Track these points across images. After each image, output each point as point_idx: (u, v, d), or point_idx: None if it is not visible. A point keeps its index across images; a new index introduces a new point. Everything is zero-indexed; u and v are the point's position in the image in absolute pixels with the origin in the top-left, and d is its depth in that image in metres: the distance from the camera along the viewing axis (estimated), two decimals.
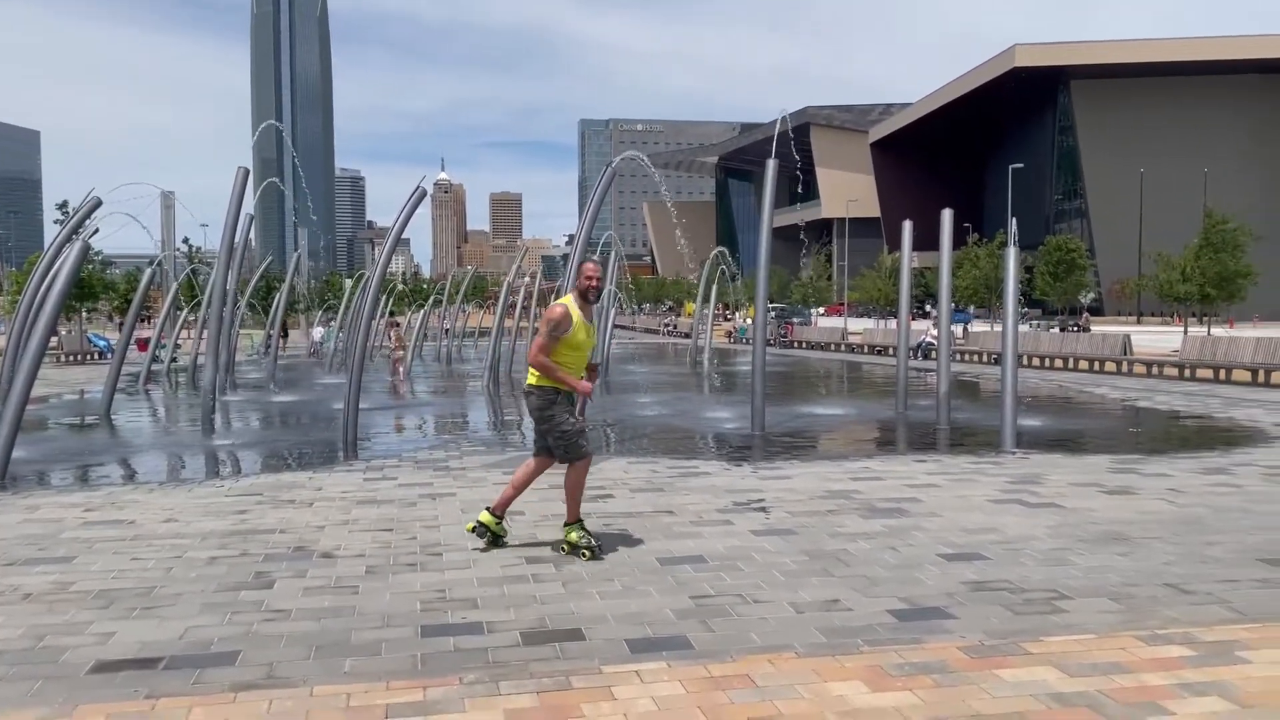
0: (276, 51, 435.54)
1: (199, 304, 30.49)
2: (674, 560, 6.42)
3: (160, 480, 9.99)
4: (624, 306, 76.57)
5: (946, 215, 14.98)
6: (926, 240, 16.31)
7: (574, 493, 6.62)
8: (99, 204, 14.62)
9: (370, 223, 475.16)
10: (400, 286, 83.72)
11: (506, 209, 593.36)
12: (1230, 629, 4.98)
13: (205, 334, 27.29)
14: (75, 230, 14.25)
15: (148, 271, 21.13)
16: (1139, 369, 24.27)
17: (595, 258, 6.74)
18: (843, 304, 67.07)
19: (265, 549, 6.84)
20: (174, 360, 30.63)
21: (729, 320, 59.07)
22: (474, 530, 6.82)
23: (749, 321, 54.20)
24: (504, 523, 6.90)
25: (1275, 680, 4.31)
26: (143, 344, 34.55)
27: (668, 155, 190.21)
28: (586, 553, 6.46)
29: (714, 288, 37.91)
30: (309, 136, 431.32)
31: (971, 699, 4.16)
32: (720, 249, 34.72)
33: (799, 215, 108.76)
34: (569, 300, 6.53)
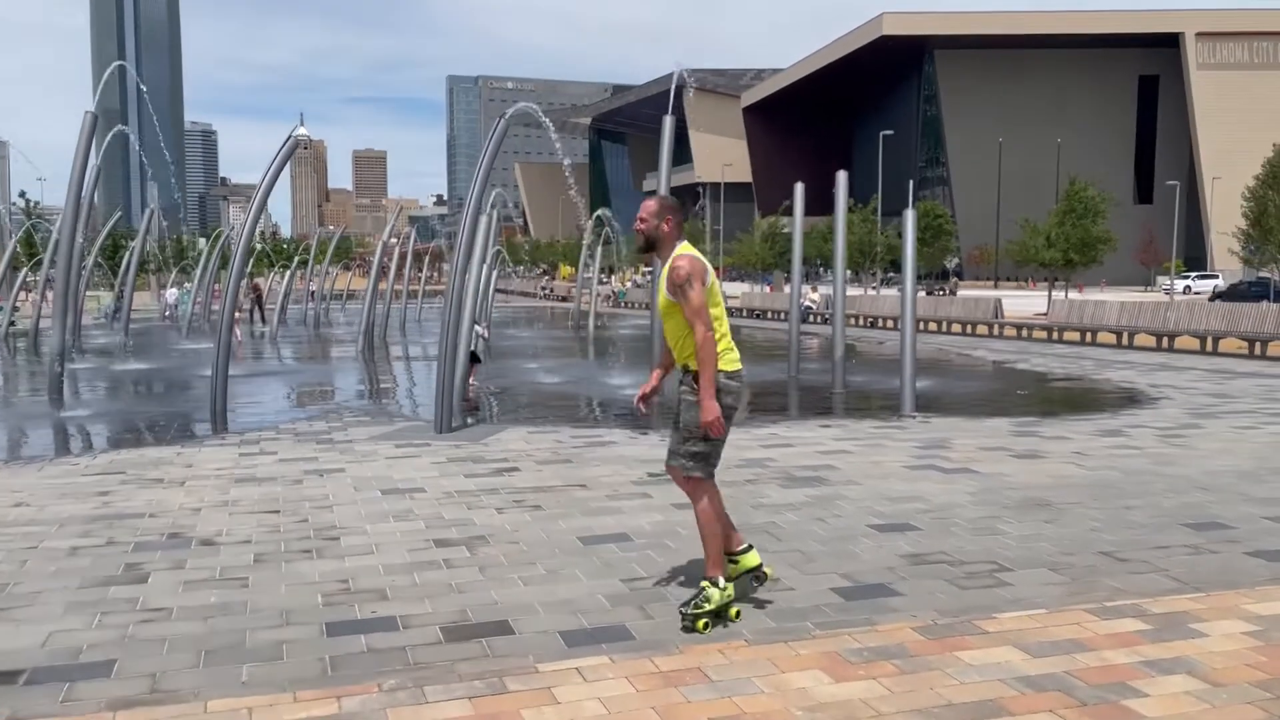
0: None
1: (39, 263, 28.22)
2: (596, 539, 6.01)
3: (3, 458, 8.95)
4: (505, 269, 75.31)
5: (841, 177, 14.93)
6: (788, 205, 16.29)
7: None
8: None
9: (224, 179, 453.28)
10: (258, 246, 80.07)
11: (371, 167, 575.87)
12: (1177, 599, 4.90)
13: (49, 296, 25.31)
14: None
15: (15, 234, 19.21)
16: (1009, 331, 25.07)
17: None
18: (718, 269, 67.46)
19: (134, 536, 6.09)
20: (11, 325, 28.28)
21: (604, 284, 58.75)
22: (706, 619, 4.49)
23: (629, 284, 54.02)
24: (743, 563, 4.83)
25: (1236, 655, 4.21)
26: None
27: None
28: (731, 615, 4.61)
29: (597, 251, 37.50)
30: (156, 84, 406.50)
31: (938, 685, 3.90)
32: (603, 210, 34.22)
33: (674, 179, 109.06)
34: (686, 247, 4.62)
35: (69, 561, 5.58)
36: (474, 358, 12.73)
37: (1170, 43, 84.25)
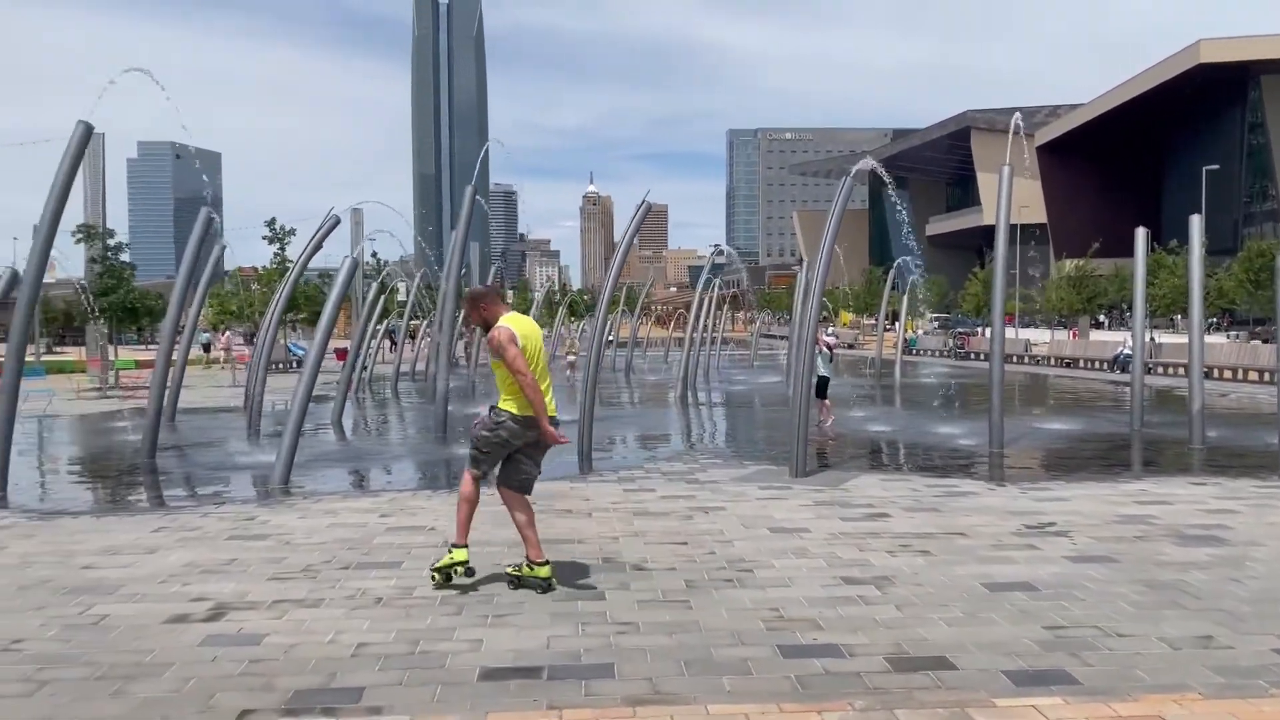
0: (435, 71, 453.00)
1: (387, 315, 31.85)
2: (1001, 586, 6.19)
3: (437, 487, 10.36)
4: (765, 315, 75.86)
5: (1140, 234, 14.48)
6: (1104, 247, 15.64)
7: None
8: (338, 223, 15.39)
9: (522, 235, 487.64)
10: (558, 297, 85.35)
11: (653, 220, 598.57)
12: None
13: (423, 343, 28.63)
14: (318, 246, 15.05)
15: (374, 286, 22.12)
16: None
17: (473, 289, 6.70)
18: (1011, 314, 64.44)
19: (573, 558, 6.96)
20: (365, 369, 32.03)
21: (889, 330, 57.70)
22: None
23: (919, 332, 52.89)
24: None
25: None
26: (341, 353, 36.30)
27: (817, 163, 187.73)
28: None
29: (886, 298, 37.21)
30: (465, 153, 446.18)
31: None
32: (903, 258, 33.94)
33: (960, 222, 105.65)
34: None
35: None
36: (820, 389, 13.18)
37: None
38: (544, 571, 6.20)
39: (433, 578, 6.31)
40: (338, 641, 5.24)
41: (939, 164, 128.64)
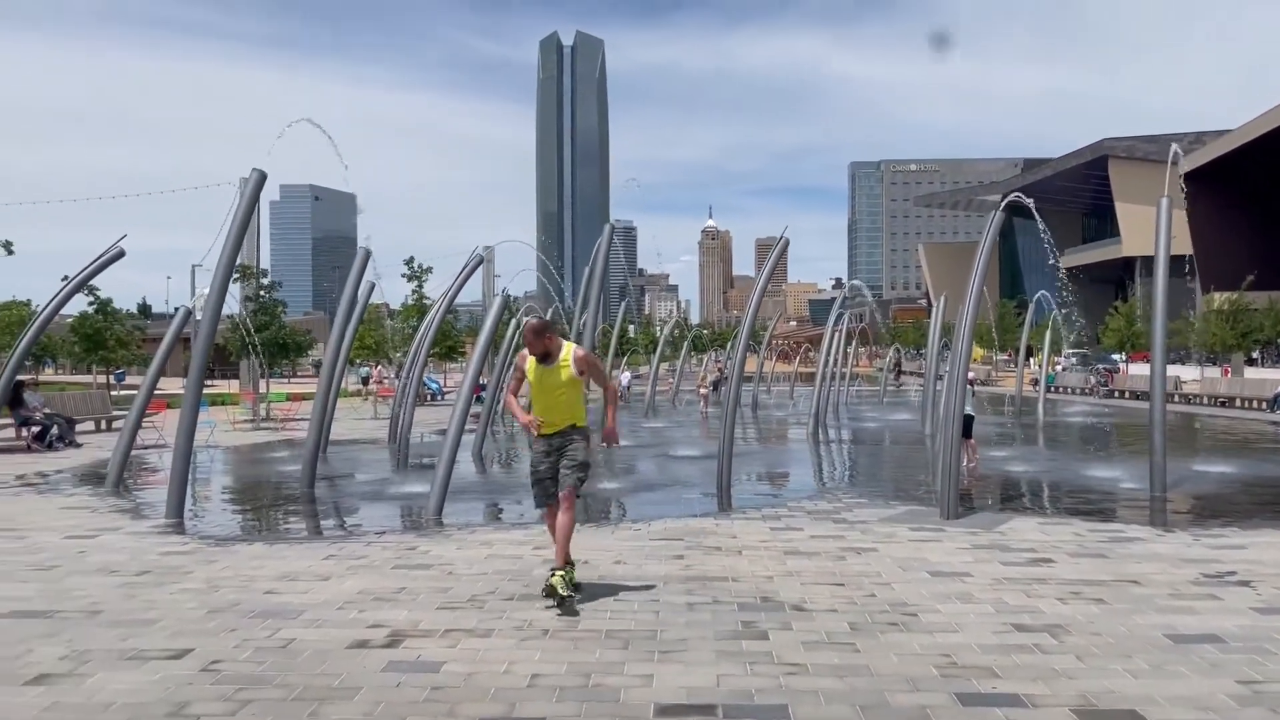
0: (559, 112, 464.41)
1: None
2: (1185, 638, 5.90)
3: (583, 521, 10.50)
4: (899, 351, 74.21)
5: None
6: (1258, 280, 14.59)
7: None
8: (481, 261, 15.89)
9: (641, 270, 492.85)
10: (677, 332, 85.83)
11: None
12: None
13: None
14: (463, 284, 15.58)
15: (511, 323, 22.75)
16: None
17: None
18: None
19: (732, 597, 6.96)
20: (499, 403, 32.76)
21: (1026, 366, 55.60)
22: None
23: (1058, 368, 50.99)
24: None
25: None
26: (478, 388, 37.25)
27: (944, 195, 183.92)
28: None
29: (1027, 333, 36.07)
30: (587, 190, 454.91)
31: None
32: (1042, 292, 32.89)
33: (1098, 254, 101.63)
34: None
35: (692, 615, 6.51)
36: (965, 429, 12.92)
37: None
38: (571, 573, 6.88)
39: (561, 598, 6.66)
40: (512, 672, 5.37)
41: (1074, 194, 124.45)
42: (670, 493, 13.04)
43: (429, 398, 41.54)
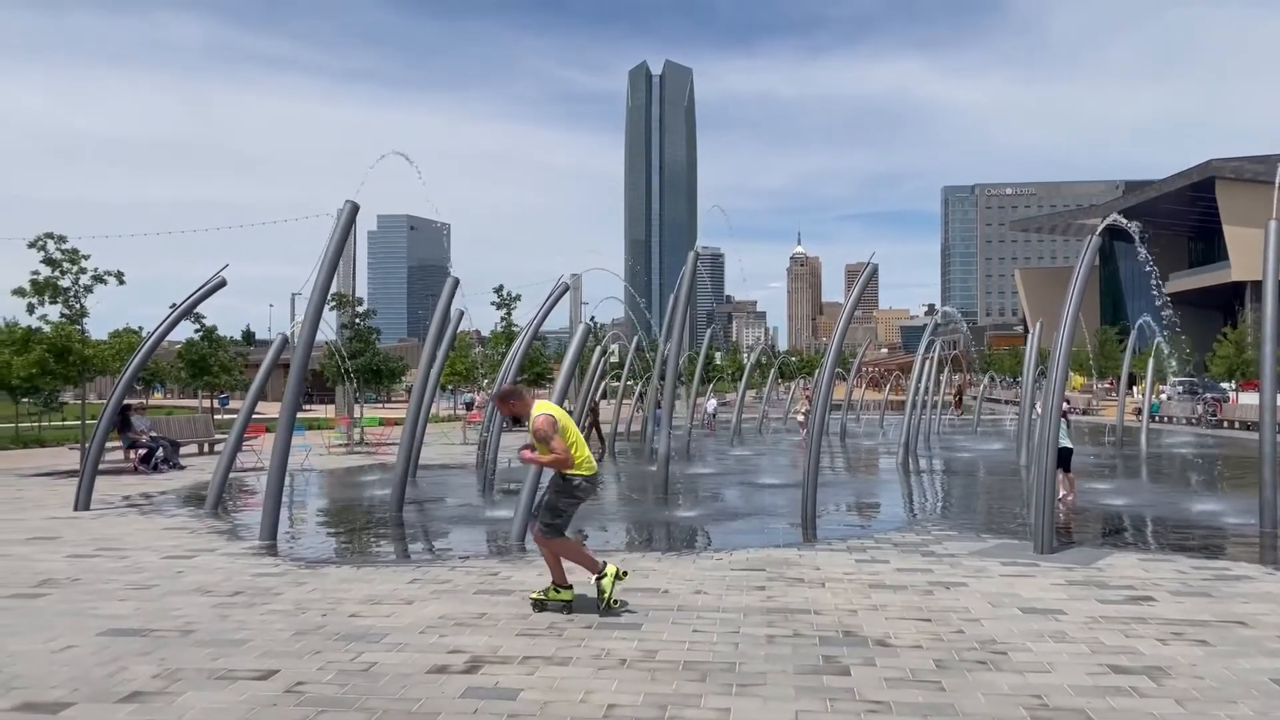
0: (647, 141, 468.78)
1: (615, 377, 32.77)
2: None
3: (663, 549, 10.47)
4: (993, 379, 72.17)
5: None
6: None
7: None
8: (567, 289, 16.04)
9: (728, 297, 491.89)
10: (764, 359, 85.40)
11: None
12: None
13: (635, 404, 29.42)
14: (549, 310, 15.72)
15: (597, 350, 22.87)
16: None
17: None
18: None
19: (813, 630, 6.83)
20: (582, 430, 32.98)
21: (1129, 395, 53.54)
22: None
23: (1163, 397, 48.99)
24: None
25: None
26: None
27: (1041, 219, 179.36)
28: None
29: (1129, 360, 34.80)
30: (674, 217, 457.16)
31: None
32: (1145, 318, 31.74)
33: (1204, 279, 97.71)
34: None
35: (771, 648, 6.40)
36: (1063, 461, 12.53)
37: None
38: (568, 595, 7.43)
39: (609, 603, 7.31)
40: (589, 701, 5.35)
41: (1179, 217, 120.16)
42: (754, 522, 12.88)
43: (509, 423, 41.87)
